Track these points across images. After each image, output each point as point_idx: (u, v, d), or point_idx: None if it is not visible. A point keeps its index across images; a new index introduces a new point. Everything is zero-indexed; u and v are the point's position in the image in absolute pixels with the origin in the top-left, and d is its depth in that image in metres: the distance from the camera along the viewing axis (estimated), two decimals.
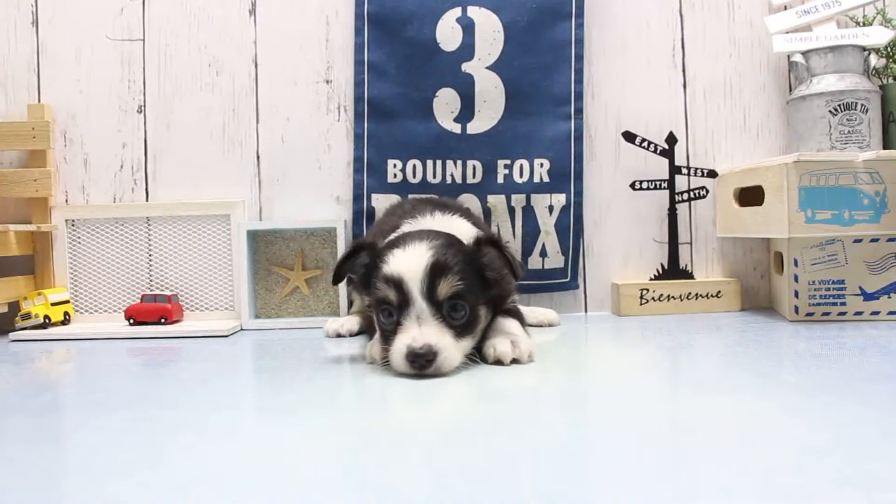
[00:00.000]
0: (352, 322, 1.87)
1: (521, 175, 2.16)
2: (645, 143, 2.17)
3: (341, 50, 2.20)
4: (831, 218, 1.80)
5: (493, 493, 0.72)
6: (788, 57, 2.18)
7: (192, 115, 2.21)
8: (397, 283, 1.32)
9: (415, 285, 1.32)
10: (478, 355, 1.42)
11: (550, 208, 2.16)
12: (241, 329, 2.06)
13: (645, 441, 0.90)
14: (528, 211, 2.16)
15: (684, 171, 2.18)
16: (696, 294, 2.14)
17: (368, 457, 0.86)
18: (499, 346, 1.40)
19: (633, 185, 2.17)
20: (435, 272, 1.32)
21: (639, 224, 2.23)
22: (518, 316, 1.57)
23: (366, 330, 1.63)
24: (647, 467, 0.80)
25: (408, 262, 1.34)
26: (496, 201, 2.16)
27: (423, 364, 1.27)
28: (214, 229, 2.17)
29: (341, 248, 2.07)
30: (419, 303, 1.32)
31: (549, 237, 2.17)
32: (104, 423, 1.04)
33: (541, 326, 1.95)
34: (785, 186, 1.81)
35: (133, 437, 0.97)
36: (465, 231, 1.51)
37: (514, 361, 1.40)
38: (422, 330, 1.30)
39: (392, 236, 1.50)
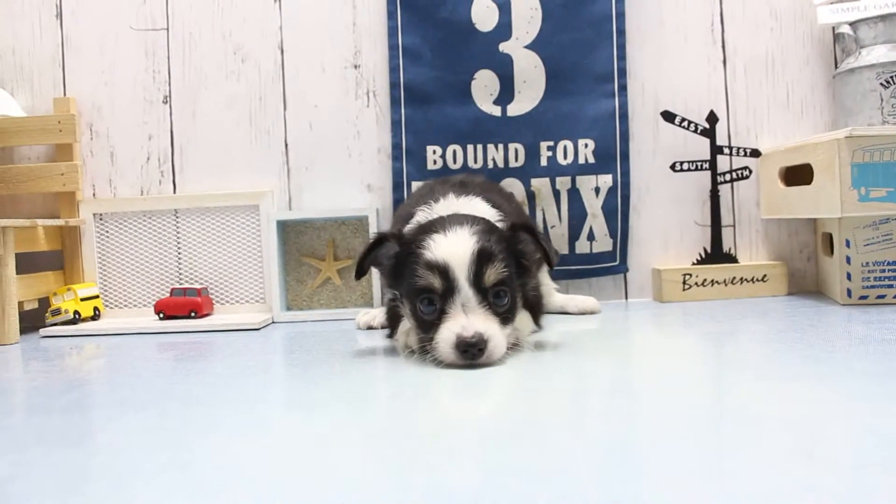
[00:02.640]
0: (384, 314, 1.82)
1: (565, 157, 2.09)
2: (685, 123, 2.09)
3: (369, 34, 2.14)
4: (886, 196, 1.71)
5: (551, 493, 0.65)
6: (834, 28, 2.09)
7: (218, 104, 2.16)
8: (442, 270, 1.27)
9: (461, 272, 1.27)
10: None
11: (597, 190, 2.10)
12: (273, 322, 2.02)
13: (708, 435, 0.84)
14: (574, 193, 2.10)
15: (726, 150, 2.10)
16: (741, 278, 2.06)
17: (413, 455, 0.81)
18: None
19: (673, 167, 2.10)
20: (482, 258, 1.28)
21: (679, 207, 2.15)
22: (534, 308, 1.50)
23: (388, 322, 1.58)
24: (715, 464, 0.73)
25: (453, 248, 1.28)
26: (540, 185, 2.09)
27: (474, 354, 1.22)
28: (243, 220, 2.13)
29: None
30: (465, 290, 1.27)
31: (596, 220, 2.10)
32: (131, 423, 1.00)
33: (583, 314, 1.89)
34: (836, 163, 1.72)
35: (161, 438, 0.92)
36: (484, 213, 1.45)
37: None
38: (469, 318, 1.25)
39: (415, 222, 1.45)
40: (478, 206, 1.49)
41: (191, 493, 0.71)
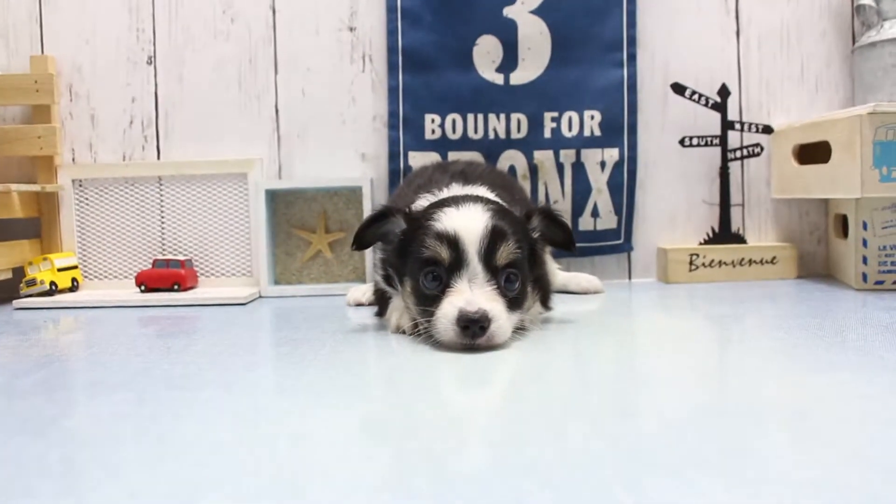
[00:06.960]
0: (372, 291, 1.73)
1: (570, 128, 1.99)
2: (695, 96, 2.00)
3: None
4: None
5: (553, 482, 0.57)
6: (853, 0, 1.99)
7: (206, 66, 2.05)
8: (452, 241, 1.20)
9: (472, 245, 1.19)
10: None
11: (602, 164, 2.00)
12: (260, 296, 1.94)
13: (737, 436, 0.75)
14: (579, 167, 2.01)
15: (737, 126, 2.02)
16: (750, 260, 1.98)
17: (414, 447, 0.72)
18: None
19: (682, 142, 2.01)
20: (496, 235, 1.21)
21: (687, 184, 2.06)
22: (544, 293, 1.42)
23: (376, 302, 1.50)
24: (745, 469, 0.64)
25: (466, 221, 1.22)
26: (543, 157, 2.00)
27: (475, 332, 1.14)
28: (230, 189, 2.02)
29: (367, 209, 1.93)
30: (475, 265, 1.19)
31: (601, 195, 2.01)
32: (101, 408, 0.91)
33: (585, 294, 1.81)
34: (858, 141, 1.63)
35: (132, 426, 0.83)
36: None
37: None
38: (475, 293, 1.17)
39: (419, 205, 1.36)
40: (486, 196, 1.39)
41: (162, 495, 0.62)
